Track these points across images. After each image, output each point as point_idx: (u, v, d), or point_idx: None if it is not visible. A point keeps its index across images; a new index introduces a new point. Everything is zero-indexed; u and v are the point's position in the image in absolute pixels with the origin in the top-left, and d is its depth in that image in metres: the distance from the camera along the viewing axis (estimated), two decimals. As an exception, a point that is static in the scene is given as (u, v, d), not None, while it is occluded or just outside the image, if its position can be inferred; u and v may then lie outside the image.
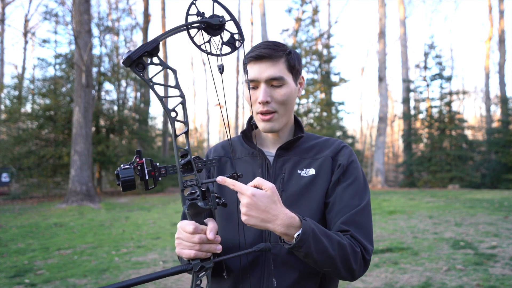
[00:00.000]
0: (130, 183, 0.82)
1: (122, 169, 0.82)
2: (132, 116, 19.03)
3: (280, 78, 1.08)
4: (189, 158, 0.85)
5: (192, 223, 0.88)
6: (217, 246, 0.90)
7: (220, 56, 0.86)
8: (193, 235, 0.88)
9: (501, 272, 4.13)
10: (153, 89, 0.82)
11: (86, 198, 11.81)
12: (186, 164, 0.86)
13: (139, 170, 0.84)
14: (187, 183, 0.86)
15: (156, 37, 0.81)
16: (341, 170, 1.11)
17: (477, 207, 9.30)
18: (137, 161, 0.85)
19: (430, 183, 19.38)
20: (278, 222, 0.88)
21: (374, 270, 4.46)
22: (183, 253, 0.90)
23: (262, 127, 1.12)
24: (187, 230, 0.88)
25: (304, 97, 20.17)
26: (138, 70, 0.80)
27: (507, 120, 19.58)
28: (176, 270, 0.88)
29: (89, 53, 12.55)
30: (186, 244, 0.89)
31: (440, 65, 21.21)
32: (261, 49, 1.08)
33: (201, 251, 0.88)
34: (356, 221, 1.04)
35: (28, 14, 35.66)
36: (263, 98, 1.07)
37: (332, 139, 1.21)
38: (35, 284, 4.26)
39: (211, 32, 0.85)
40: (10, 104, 17.06)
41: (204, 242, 0.88)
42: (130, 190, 0.83)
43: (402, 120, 23.94)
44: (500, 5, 23.66)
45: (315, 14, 21.46)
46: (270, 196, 0.87)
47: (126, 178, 0.81)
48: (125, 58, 0.79)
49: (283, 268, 1.05)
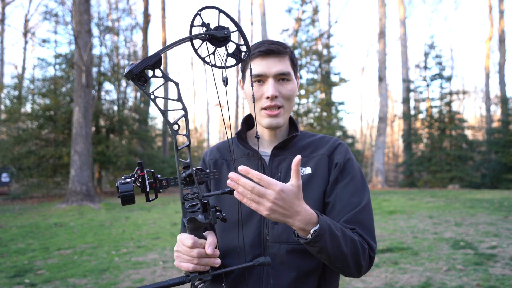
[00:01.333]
0: (129, 198, 0.82)
1: (121, 184, 0.82)
2: (132, 116, 19.02)
3: (288, 73, 1.10)
4: (191, 171, 0.85)
5: (191, 237, 0.89)
6: (216, 260, 0.91)
7: (224, 68, 0.84)
8: (191, 249, 0.89)
9: (501, 272, 4.13)
10: (154, 102, 0.81)
11: (86, 198, 11.80)
12: (187, 177, 0.86)
13: (140, 182, 0.84)
14: (188, 196, 0.86)
15: (158, 51, 0.80)
16: (338, 169, 1.12)
17: (477, 207, 9.30)
18: (138, 173, 0.85)
19: (430, 183, 19.38)
20: (299, 218, 0.88)
21: (374, 270, 4.46)
22: (181, 266, 0.91)
23: (268, 122, 1.11)
24: (186, 244, 0.90)
25: (304, 97, 20.16)
26: (140, 83, 0.80)
27: (507, 120, 19.58)
28: (174, 282, 0.89)
29: (89, 53, 12.55)
30: (184, 258, 0.91)
31: (440, 65, 21.21)
32: (269, 45, 1.09)
33: (199, 265, 0.90)
34: (359, 219, 1.05)
35: (28, 14, 35.64)
36: (273, 92, 1.07)
37: (328, 137, 1.21)
38: (35, 284, 4.26)
39: (216, 43, 0.83)
40: (10, 104, 17.05)
41: (202, 256, 0.90)
42: (129, 204, 0.83)
43: (402, 120, 23.95)
44: (500, 5, 23.67)
45: (315, 14, 21.45)
46: (296, 193, 0.87)
47: (125, 193, 0.82)
48: (126, 72, 0.78)
49: (282, 268, 1.06)
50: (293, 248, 1.06)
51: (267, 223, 1.08)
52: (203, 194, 0.87)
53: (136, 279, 4.40)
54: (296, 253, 1.06)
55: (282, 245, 1.06)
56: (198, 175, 0.87)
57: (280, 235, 1.07)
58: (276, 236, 1.07)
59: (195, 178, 0.85)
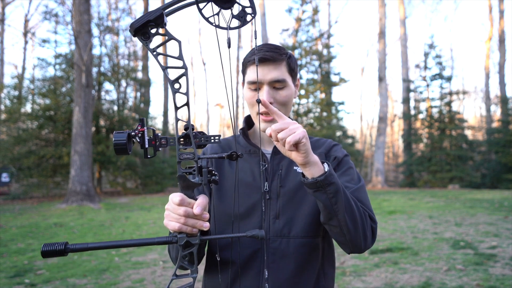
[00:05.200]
0: (122, 147, 0.82)
1: (116, 133, 0.83)
2: (132, 116, 19.01)
3: (283, 80, 1.12)
4: (189, 131, 0.85)
5: (180, 195, 0.86)
6: (204, 223, 0.87)
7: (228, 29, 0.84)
8: (179, 207, 0.86)
9: (501, 272, 4.13)
10: (156, 58, 0.82)
11: (86, 198, 11.80)
12: (186, 137, 0.85)
13: (140, 138, 0.84)
14: (183, 156, 0.85)
15: (160, 7, 0.81)
16: (336, 162, 1.18)
17: (477, 207, 9.30)
18: (138, 129, 0.84)
19: (430, 183, 19.38)
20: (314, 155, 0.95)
21: (374, 270, 4.46)
22: (169, 224, 0.88)
23: (264, 127, 1.15)
24: (174, 201, 0.87)
25: (304, 97, 20.15)
26: (143, 39, 0.80)
27: (507, 120, 19.57)
28: (161, 240, 0.86)
29: (89, 53, 12.55)
30: (172, 216, 0.87)
31: (440, 65, 21.21)
32: (264, 52, 1.11)
33: (186, 225, 0.86)
34: (358, 197, 1.09)
35: (28, 14, 35.65)
36: (267, 99, 1.09)
37: (323, 139, 1.27)
38: (35, 284, 4.26)
39: (221, 5, 0.83)
40: (10, 104, 17.04)
41: (189, 216, 0.86)
42: (123, 154, 0.82)
43: (402, 120, 23.94)
44: (500, 5, 23.67)
45: (315, 14, 21.45)
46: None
47: (118, 142, 0.82)
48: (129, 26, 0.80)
49: (282, 261, 1.08)
50: (294, 242, 1.09)
51: (268, 217, 1.11)
52: (198, 156, 0.86)
53: (136, 279, 4.40)
54: (296, 247, 1.08)
55: (283, 240, 1.09)
56: (198, 137, 0.86)
57: (281, 230, 1.09)
58: (278, 230, 1.10)
59: (193, 139, 0.85)
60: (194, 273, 0.87)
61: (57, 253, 0.82)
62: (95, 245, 0.84)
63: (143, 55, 21.43)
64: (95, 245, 0.84)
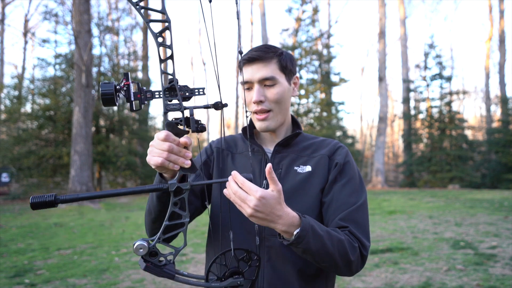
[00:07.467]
0: (110, 97, 0.82)
1: (103, 83, 0.83)
2: (132, 116, 19.01)
3: (272, 78, 1.13)
4: (174, 83, 0.86)
5: (165, 131, 0.88)
6: (186, 160, 0.89)
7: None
8: (163, 142, 0.87)
9: (501, 272, 4.13)
10: (139, 11, 0.83)
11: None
12: (171, 90, 0.87)
13: (125, 91, 0.85)
14: (170, 107, 0.87)
15: None
16: (338, 169, 1.15)
17: (477, 207, 9.30)
18: (124, 82, 0.85)
19: (430, 183, 19.38)
20: (281, 222, 0.91)
21: (374, 270, 4.46)
22: (151, 160, 0.88)
23: (258, 126, 1.17)
24: (159, 137, 0.88)
25: (304, 97, 20.15)
26: None
27: (507, 120, 19.57)
28: (152, 188, 0.88)
29: (89, 53, 12.55)
30: (155, 151, 0.88)
31: (440, 65, 21.20)
32: (252, 52, 1.14)
33: (168, 160, 0.87)
34: (354, 218, 1.08)
35: (28, 14, 35.56)
36: (256, 97, 1.12)
37: (329, 140, 1.25)
38: (35, 284, 4.26)
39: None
40: (10, 104, 17.05)
41: (173, 152, 0.87)
42: (110, 106, 0.83)
43: (402, 120, 23.94)
44: (500, 5, 23.66)
45: (315, 14, 21.43)
46: (277, 198, 0.89)
47: (105, 91, 0.82)
48: None
49: (278, 260, 1.09)
50: None
51: None
52: (185, 107, 0.88)
53: (136, 279, 4.40)
54: None
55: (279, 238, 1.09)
56: (183, 90, 0.88)
57: None
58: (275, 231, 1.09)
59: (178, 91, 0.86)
60: (186, 218, 0.90)
61: (47, 205, 0.82)
62: (85, 195, 0.85)
63: (143, 55, 21.42)
64: (85, 195, 0.85)
